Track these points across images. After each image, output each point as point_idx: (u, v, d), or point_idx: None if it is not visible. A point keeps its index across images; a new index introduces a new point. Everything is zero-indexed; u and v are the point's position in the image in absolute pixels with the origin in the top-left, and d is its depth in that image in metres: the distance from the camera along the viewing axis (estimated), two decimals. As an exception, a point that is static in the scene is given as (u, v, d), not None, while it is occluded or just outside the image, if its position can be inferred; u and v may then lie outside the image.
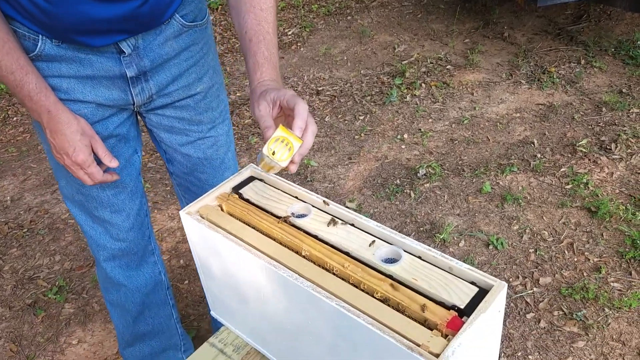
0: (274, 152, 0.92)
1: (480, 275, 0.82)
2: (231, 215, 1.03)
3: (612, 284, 1.87)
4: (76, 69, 1.02)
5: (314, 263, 0.90)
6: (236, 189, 1.07)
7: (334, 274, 0.88)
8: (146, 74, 1.10)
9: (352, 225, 0.96)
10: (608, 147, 2.59)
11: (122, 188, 1.18)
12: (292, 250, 0.93)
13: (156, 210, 2.53)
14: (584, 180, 2.35)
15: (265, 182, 1.09)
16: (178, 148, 1.27)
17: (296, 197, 1.04)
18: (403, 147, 2.79)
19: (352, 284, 0.86)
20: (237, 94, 3.51)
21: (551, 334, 1.72)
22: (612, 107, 2.89)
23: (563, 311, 1.79)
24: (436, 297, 0.81)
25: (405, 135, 2.87)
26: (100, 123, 1.11)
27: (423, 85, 3.32)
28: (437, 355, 0.72)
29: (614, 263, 1.96)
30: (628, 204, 2.19)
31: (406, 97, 3.21)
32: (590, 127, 2.77)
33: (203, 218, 1.01)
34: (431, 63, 3.53)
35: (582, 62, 3.34)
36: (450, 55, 3.60)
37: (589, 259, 1.99)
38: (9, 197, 2.80)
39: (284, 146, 0.91)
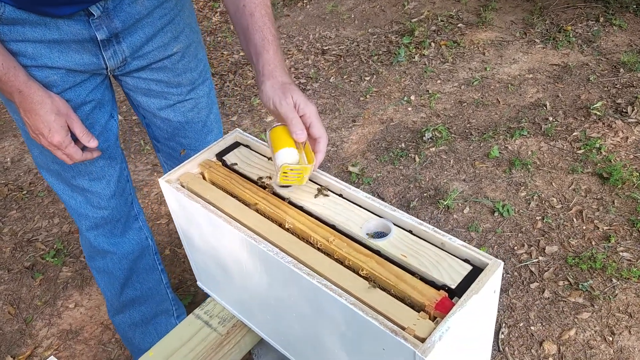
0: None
1: (474, 252, 0.76)
2: (213, 183, 0.97)
3: (621, 253, 1.80)
4: (42, 32, 0.94)
5: (298, 236, 0.85)
6: (220, 156, 1.01)
7: (318, 248, 0.82)
8: (118, 35, 1.02)
9: (341, 196, 0.90)
10: (624, 110, 2.47)
11: (100, 155, 1.12)
12: (275, 222, 0.87)
13: (156, 173, 2.49)
14: (597, 145, 2.26)
15: (251, 149, 1.02)
16: (157, 112, 1.20)
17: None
18: (409, 109, 2.70)
19: (336, 260, 0.80)
20: (241, 54, 3.40)
21: (555, 305, 1.67)
22: (631, 67, 2.76)
23: (568, 281, 1.73)
24: (426, 276, 0.75)
25: (412, 97, 2.77)
26: (72, 90, 1.04)
27: (432, 44, 3.18)
28: (423, 340, 0.66)
29: (624, 232, 1.88)
30: (642, 171, 2.10)
31: (414, 57, 3.09)
32: (606, 89, 2.65)
33: (183, 186, 0.95)
34: (442, 21, 3.38)
35: (601, 19, 3.18)
36: (462, 13, 3.44)
37: (598, 228, 1.92)
38: (9, 159, 2.76)
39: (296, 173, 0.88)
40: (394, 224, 0.83)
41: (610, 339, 1.56)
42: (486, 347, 0.84)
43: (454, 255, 0.77)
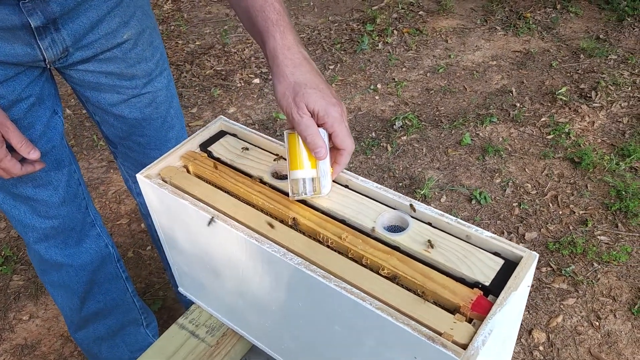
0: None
1: (505, 244, 0.69)
2: (199, 177, 0.86)
3: (599, 237, 1.80)
4: None
5: (304, 234, 0.75)
6: (204, 147, 0.90)
7: (328, 246, 0.73)
8: (56, 21, 0.88)
9: (347, 187, 0.81)
10: (588, 95, 2.50)
11: (44, 157, 0.98)
12: (277, 218, 0.78)
13: (112, 170, 2.32)
14: (566, 130, 2.26)
15: (238, 138, 0.92)
16: (109, 109, 1.06)
17: (278, 155, 0.87)
18: (377, 97, 2.63)
19: (351, 259, 0.71)
20: (197, 43, 3.24)
21: (540, 292, 1.65)
22: (590, 53, 2.79)
23: (551, 267, 1.71)
24: (455, 273, 0.68)
25: (379, 85, 2.71)
26: (4, 85, 0.89)
27: (395, 32, 3.13)
28: (465, 346, 0.59)
29: (599, 215, 1.89)
30: (612, 154, 2.12)
31: (378, 45, 3.03)
32: (569, 74, 2.67)
33: (165, 182, 0.84)
34: (402, 9, 3.34)
35: (558, 7, 3.22)
36: (422, 1, 3.41)
37: (574, 212, 1.91)
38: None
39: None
40: (411, 216, 0.75)
41: (597, 323, 1.54)
42: (512, 344, 0.78)
43: (482, 248, 0.70)
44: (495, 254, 0.69)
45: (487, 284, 0.65)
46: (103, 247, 1.16)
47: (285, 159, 0.79)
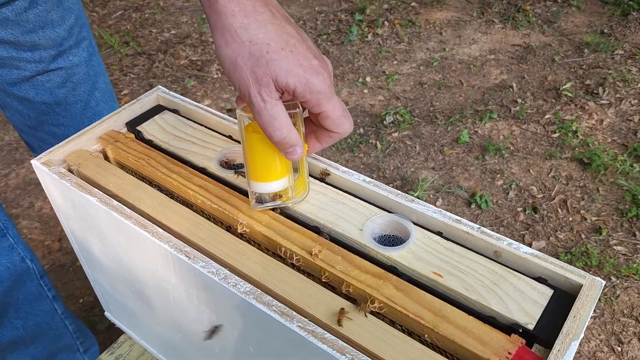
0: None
1: (553, 265, 0.47)
2: (121, 166, 0.63)
3: (615, 247, 1.59)
4: None
5: (259, 247, 0.53)
6: (133, 125, 0.66)
7: (293, 265, 0.50)
8: None
9: (323, 181, 0.58)
10: (595, 91, 2.29)
11: None
12: (222, 224, 0.55)
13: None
14: (573, 128, 2.06)
15: (180, 115, 0.69)
16: (9, 89, 0.82)
17: (231, 137, 0.64)
18: (365, 91, 2.41)
19: (326, 285, 0.48)
20: (172, 32, 3.00)
21: (551, 310, 1.43)
22: (595, 48, 2.60)
23: (562, 282, 1.50)
24: (481, 309, 0.45)
25: (368, 79, 2.49)
26: None
27: (386, 23, 2.92)
28: None
29: (614, 223, 1.68)
30: (624, 155, 1.91)
31: (367, 37, 2.81)
32: (572, 70, 2.47)
33: (72, 171, 0.61)
34: (394, 0, 3.13)
35: (559, 0, 3.03)
36: (414, -9, 3.20)
37: (585, 219, 1.70)
38: None
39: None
40: (414, 223, 0.52)
41: (619, 348, 1.33)
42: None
43: (519, 271, 0.48)
44: (539, 279, 0.47)
45: (530, 327, 0.43)
46: (18, 261, 0.91)
47: (238, 141, 0.56)
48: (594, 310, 1.43)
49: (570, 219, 1.70)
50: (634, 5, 2.89)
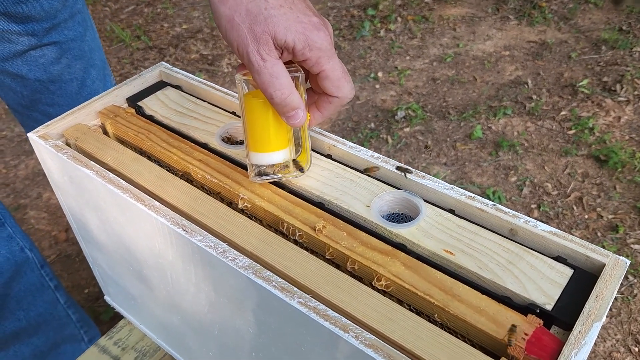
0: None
1: (574, 244, 0.44)
2: (120, 141, 0.60)
3: (632, 246, 1.54)
4: None
5: (261, 222, 0.50)
6: (134, 101, 0.64)
7: (295, 242, 0.48)
8: None
9: (329, 156, 0.55)
10: (612, 88, 2.24)
11: None
12: (223, 200, 0.52)
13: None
14: (589, 125, 2.01)
15: (183, 91, 0.67)
16: (1, 65, 0.79)
17: (234, 113, 0.62)
18: (377, 86, 2.38)
19: (330, 262, 0.46)
20: (184, 26, 3.00)
21: (565, 309, 1.39)
22: (612, 45, 2.54)
23: (577, 280, 1.46)
24: (495, 289, 0.42)
25: (380, 74, 2.46)
26: None
27: (399, 19, 2.88)
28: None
29: (631, 221, 1.63)
30: (642, 152, 1.86)
31: (380, 32, 2.78)
32: (589, 66, 2.42)
33: (69, 145, 0.59)
34: (407, -5, 3.09)
35: (576, -3, 2.97)
36: (428, -13, 3.16)
37: (602, 216, 1.66)
38: None
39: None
40: (425, 200, 0.49)
41: (636, 349, 1.29)
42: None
43: (536, 250, 0.44)
44: (558, 258, 0.44)
45: (549, 307, 0.40)
46: (17, 251, 0.88)
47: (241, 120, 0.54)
48: (610, 309, 1.39)
49: (586, 216, 1.66)
50: (653, 2, 2.82)
